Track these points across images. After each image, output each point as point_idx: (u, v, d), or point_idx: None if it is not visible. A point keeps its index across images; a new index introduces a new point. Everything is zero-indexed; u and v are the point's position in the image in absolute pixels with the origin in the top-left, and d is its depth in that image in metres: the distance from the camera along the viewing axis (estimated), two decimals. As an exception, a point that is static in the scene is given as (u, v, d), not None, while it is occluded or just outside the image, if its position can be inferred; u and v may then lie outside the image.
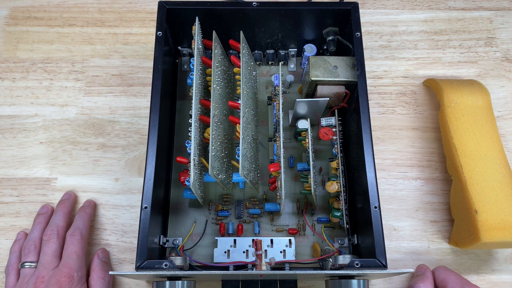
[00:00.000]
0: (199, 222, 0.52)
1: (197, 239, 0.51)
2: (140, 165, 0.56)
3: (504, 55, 0.63)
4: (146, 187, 0.44)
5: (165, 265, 0.41)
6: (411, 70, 0.62)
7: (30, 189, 0.55)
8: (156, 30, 0.49)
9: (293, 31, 0.55)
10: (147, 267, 0.41)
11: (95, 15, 0.64)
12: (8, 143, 0.57)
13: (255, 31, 0.54)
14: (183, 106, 0.57)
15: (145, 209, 0.43)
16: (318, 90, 0.51)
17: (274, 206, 0.52)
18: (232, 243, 0.49)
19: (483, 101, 0.56)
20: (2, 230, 0.53)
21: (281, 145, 0.48)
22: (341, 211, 0.49)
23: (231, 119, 0.50)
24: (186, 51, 0.57)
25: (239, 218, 0.52)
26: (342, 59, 0.51)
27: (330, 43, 0.54)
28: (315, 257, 0.50)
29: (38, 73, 0.60)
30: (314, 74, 0.50)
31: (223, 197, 0.53)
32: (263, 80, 0.59)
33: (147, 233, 0.42)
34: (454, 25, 0.65)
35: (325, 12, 0.52)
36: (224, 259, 0.49)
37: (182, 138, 0.55)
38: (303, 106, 0.50)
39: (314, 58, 0.51)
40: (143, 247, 0.42)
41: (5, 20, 0.63)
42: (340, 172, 0.49)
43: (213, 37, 0.50)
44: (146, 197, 0.44)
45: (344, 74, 0.50)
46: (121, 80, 0.60)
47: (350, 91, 0.51)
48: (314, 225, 0.52)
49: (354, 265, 0.41)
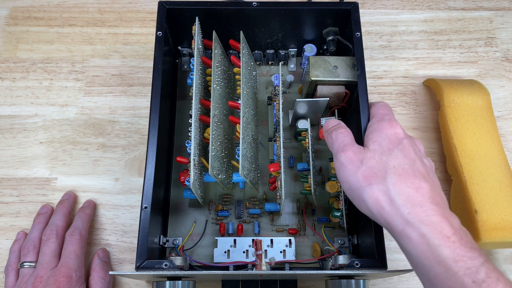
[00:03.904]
0: (199, 222, 0.52)
1: (197, 239, 0.51)
2: (140, 165, 0.56)
3: (504, 55, 0.63)
4: (146, 187, 0.44)
5: (165, 265, 0.41)
6: (411, 70, 0.62)
7: (30, 189, 0.54)
8: (156, 30, 0.49)
9: (293, 31, 0.55)
10: (147, 267, 0.41)
11: (95, 15, 0.64)
12: (8, 143, 0.57)
13: (255, 31, 0.54)
14: (183, 106, 0.57)
15: (145, 209, 0.43)
16: (318, 90, 0.51)
17: (274, 206, 0.52)
18: (232, 243, 0.49)
19: (483, 101, 0.56)
20: (2, 230, 0.53)
21: (281, 145, 0.48)
22: (341, 211, 0.49)
23: (231, 119, 0.50)
24: (186, 51, 0.57)
25: (239, 218, 0.52)
26: (342, 59, 0.51)
27: (330, 43, 0.55)
28: (315, 257, 0.50)
29: (38, 73, 0.60)
30: (314, 74, 0.50)
31: (223, 197, 0.53)
32: (263, 80, 0.59)
33: (147, 233, 0.42)
34: (454, 25, 0.65)
35: (325, 12, 0.52)
36: (224, 259, 0.49)
37: (182, 138, 0.55)
38: (303, 106, 0.50)
39: (314, 58, 0.51)
40: (143, 247, 0.41)
41: (5, 20, 0.63)
42: None
43: (213, 37, 0.50)
44: (146, 197, 0.43)
45: (344, 74, 0.50)
46: (121, 80, 0.60)
47: (350, 91, 0.51)
48: (314, 225, 0.52)
49: (354, 265, 0.42)
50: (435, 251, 0.33)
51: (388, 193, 0.37)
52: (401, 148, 0.39)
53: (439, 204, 0.36)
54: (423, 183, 0.37)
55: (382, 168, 0.38)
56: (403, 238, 0.35)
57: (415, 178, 0.37)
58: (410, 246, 0.35)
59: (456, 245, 0.33)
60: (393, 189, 0.37)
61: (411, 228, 0.35)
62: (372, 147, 0.40)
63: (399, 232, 0.36)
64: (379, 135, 0.40)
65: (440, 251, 0.33)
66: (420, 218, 0.35)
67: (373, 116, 0.44)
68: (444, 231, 0.34)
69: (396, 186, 0.37)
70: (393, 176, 0.37)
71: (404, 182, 0.37)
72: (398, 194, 0.36)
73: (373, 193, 0.37)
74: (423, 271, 0.35)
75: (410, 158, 0.38)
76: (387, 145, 0.39)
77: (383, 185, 0.37)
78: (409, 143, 0.40)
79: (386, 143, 0.40)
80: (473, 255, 0.33)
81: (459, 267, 0.32)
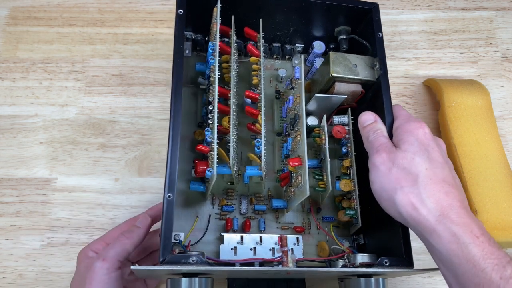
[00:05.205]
0: (201, 217, 0.50)
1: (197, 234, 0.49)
2: (140, 165, 0.56)
3: (504, 55, 0.63)
4: (170, 174, 0.40)
5: (193, 260, 0.38)
6: (411, 70, 0.62)
7: (30, 189, 0.54)
8: (176, 8, 0.47)
9: (306, 26, 0.54)
10: (172, 262, 0.37)
11: (95, 15, 0.64)
12: (8, 143, 0.57)
13: (269, 22, 0.52)
14: (186, 92, 0.54)
15: (169, 198, 0.39)
16: (336, 86, 0.49)
17: (282, 202, 0.51)
18: (239, 240, 0.47)
19: (483, 101, 0.56)
20: (2, 230, 0.53)
21: (304, 140, 0.46)
22: (355, 210, 0.48)
23: (248, 110, 0.48)
24: (190, 36, 0.54)
25: (244, 214, 0.51)
26: (361, 58, 0.50)
27: (342, 42, 0.54)
28: (322, 256, 0.49)
29: (38, 73, 0.60)
30: (335, 70, 0.49)
31: (228, 191, 0.51)
32: (266, 74, 0.58)
33: (171, 225, 0.38)
34: (454, 25, 0.65)
35: (343, 9, 0.51)
36: (231, 256, 0.47)
37: (186, 126, 0.53)
38: (318, 102, 0.50)
39: (335, 54, 0.50)
40: (167, 240, 0.38)
41: (5, 20, 0.63)
42: (354, 171, 0.49)
43: (232, 22, 0.48)
44: (170, 185, 0.40)
45: (363, 73, 0.49)
46: (121, 80, 0.60)
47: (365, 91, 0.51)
48: (319, 223, 0.51)
49: (384, 263, 0.41)
50: (465, 249, 0.35)
51: (420, 196, 0.38)
52: (430, 150, 0.41)
53: (467, 208, 0.38)
54: (452, 189, 0.39)
55: (414, 170, 0.40)
56: (433, 238, 0.37)
57: (445, 182, 0.39)
58: (441, 244, 0.37)
59: (485, 245, 0.35)
60: (424, 192, 0.38)
61: (443, 227, 0.37)
62: (403, 147, 0.41)
63: (429, 232, 0.37)
64: (410, 136, 0.42)
65: (470, 249, 0.35)
66: (451, 219, 0.37)
67: (397, 116, 0.45)
68: (473, 231, 0.36)
69: (428, 190, 0.38)
70: (425, 180, 0.39)
71: (435, 186, 0.39)
72: (429, 197, 0.38)
73: (405, 195, 0.39)
74: (451, 269, 0.37)
75: (439, 161, 0.41)
76: (418, 146, 0.41)
77: (414, 187, 0.39)
78: (436, 144, 0.42)
79: (417, 143, 0.41)
80: (500, 254, 0.35)
81: (487, 264, 0.34)
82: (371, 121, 0.46)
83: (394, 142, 0.43)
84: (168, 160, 0.41)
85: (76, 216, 0.53)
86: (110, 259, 0.42)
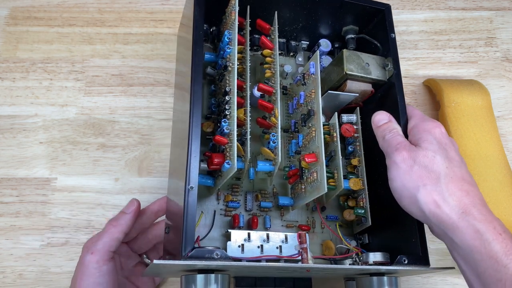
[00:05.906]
0: (206, 212, 0.49)
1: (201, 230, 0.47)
2: (140, 165, 0.56)
3: (504, 55, 0.63)
4: (191, 165, 0.38)
5: (216, 255, 0.36)
6: (411, 70, 0.62)
7: (30, 189, 0.54)
8: None
9: (315, 23, 0.54)
10: (196, 256, 0.36)
11: (95, 15, 0.64)
12: (8, 143, 0.57)
13: (280, 15, 0.51)
14: None
15: (191, 190, 0.38)
16: (347, 84, 0.49)
17: (288, 200, 0.50)
18: (246, 237, 0.46)
19: (483, 101, 0.56)
20: (2, 230, 0.53)
21: (321, 136, 0.45)
22: (364, 209, 0.48)
23: (261, 103, 0.47)
24: None
25: (249, 210, 0.50)
26: (372, 57, 0.50)
27: (349, 41, 0.54)
28: (327, 254, 0.49)
29: (38, 73, 0.60)
30: (349, 68, 0.48)
31: (233, 187, 0.50)
32: None
33: (194, 217, 0.37)
34: (454, 25, 0.65)
35: (356, 7, 0.51)
36: (238, 253, 0.45)
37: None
38: (327, 99, 0.49)
39: (348, 52, 0.50)
40: (190, 233, 0.36)
41: (5, 20, 0.63)
42: (364, 170, 0.49)
43: (247, 12, 0.48)
44: (193, 176, 0.38)
45: (375, 73, 0.49)
46: (121, 80, 0.60)
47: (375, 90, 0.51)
48: (325, 222, 0.51)
49: (402, 261, 0.41)
50: (488, 246, 0.36)
51: (442, 194, 0.39)
52: (448, 148, 0.42)
53: (486, 206, 0.39)
54: (471, 187, 0.40)
55: (435, 168, 0.40)
56: (456, 234, 0.38)
57: (464, 181, 0.40)
58: (463, 241, 0.37)
59: (507, 242, 0.36)
60: (446, 190, 0.39)
61: (465, 224, 0.37)
62: (424, 146, 0.41)
63: (452, 229, 0.38)
64: (428, 135, 0.42)
65: (493, 245, 0.36)
66: (474, 216, 0.37)
67: (412, 116, 0.46)
68: (496, 228, 0.37)
69: (449, 188, 0.39)
70: (446, 178, 0.40)
71: (456, 184, 0.39)
72: (451, 195, 0.39)
73: (428, 193, 0.39)
74: (473, 265, 0.37)
75: (457, 160, 0.41)
76: (437, 144, 0.41)
77: (437, 185, 0.39)
78: (452, 143, 0.43)
79: (435, 142, 0.42)
80: None
81: (510, 260, 0.35)
82: (385, 120, 0.46)
83: (411, 141, 0.43)
84: (190, 148, 0.39)
85: (76, 216, 0.53)
86: (99, 252, 0.42)
